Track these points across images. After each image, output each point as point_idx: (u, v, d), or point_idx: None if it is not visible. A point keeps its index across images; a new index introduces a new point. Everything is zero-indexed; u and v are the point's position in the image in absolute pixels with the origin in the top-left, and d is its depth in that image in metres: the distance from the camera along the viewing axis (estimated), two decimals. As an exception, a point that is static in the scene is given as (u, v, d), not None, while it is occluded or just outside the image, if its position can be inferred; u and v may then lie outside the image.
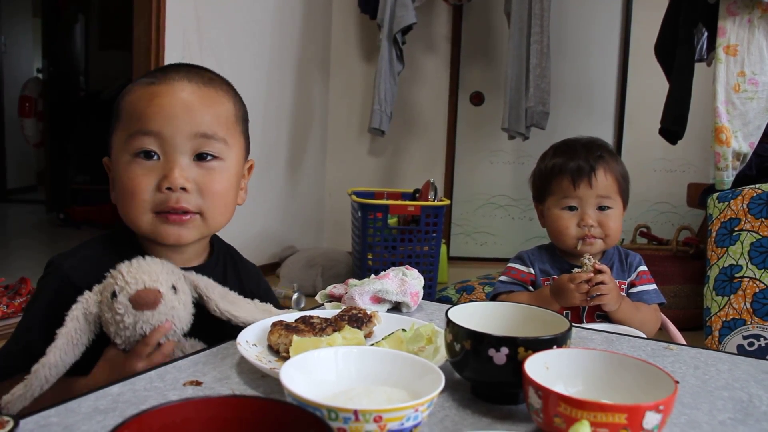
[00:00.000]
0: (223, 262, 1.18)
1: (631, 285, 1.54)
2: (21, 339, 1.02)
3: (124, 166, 1.00)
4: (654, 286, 1.54)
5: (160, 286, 0.94)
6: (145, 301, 0.91)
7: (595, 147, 1.53)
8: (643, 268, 1.56)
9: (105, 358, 0.96)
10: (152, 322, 0.93)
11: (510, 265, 1.60)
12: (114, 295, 0.92)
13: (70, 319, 0.92)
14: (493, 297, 1.57)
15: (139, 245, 1.07)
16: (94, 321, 0.94)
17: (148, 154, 0.99)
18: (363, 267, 3.59)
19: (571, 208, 1.51)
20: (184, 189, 0.99)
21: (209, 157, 1.02)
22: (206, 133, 1.01)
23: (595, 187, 1.48)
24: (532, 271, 1.56)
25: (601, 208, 1.49)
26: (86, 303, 0.94)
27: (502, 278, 1.59)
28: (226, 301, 1.02)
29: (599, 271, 1.40)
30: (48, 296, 1.02)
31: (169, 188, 0.98)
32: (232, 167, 1.06)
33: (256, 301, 1.08)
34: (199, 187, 1.01)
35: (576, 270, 1.42)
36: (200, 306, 1.02)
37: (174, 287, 0.96)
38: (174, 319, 0.95)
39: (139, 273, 0.93)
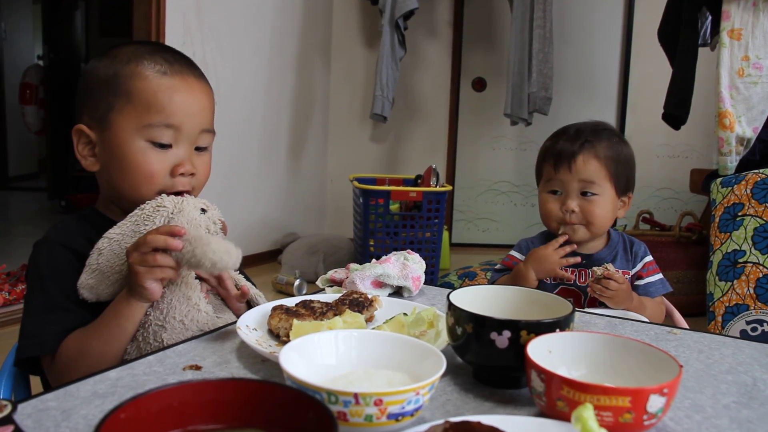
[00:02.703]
0: None
1: (638, 277, 1.52)
2: (46, 305, 1.03)
3: (140, 151, 1.08)
4: (660, 276, 1.52)
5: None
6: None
7: (586, 131, 1.49)
8: (649, 258, 1.53)
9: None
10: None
11: (509, 253, 1.59)
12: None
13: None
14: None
15: (107, 218, 1.14)
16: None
17: (163, 144, 1.09)
18: (365, 253, 3.59)
19: (555, 192, 1.50)
20: (191, 174, 1.12)
21: (206, 149, 1.16)
22: (209, 129, 1.15)
23: (575, 172, 1.45)
24: None
25: (585, 194, 1.47)
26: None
27: (497, 266, 1.59)
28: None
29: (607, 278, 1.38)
30: (44, 258, 1.07)
31: (182, 174, 1.10)
32: (211, 151, 1.20)
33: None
34: (196, 171, 1.14)
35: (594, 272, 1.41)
36: None
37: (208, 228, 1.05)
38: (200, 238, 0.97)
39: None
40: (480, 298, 0.92)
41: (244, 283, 1.13)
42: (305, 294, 1.13)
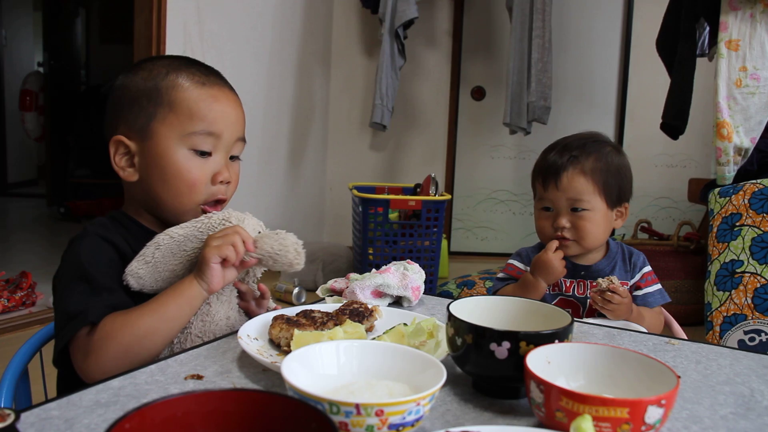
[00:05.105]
0: None
1: (637, 287, 1.52)
2: (92, 289, 1.01)
3: (182, 159, 1.11)
4: (658, 287, 1.53)
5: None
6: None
7: (572, 146, 1.48)
8: (648, 269, 1.53)
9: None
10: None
11: (509, 261, 1.60)
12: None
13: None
14: (493, 294, 1.57)
15: (138, 223, 1.17)
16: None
17: (203, 152, 1.12)
18: (364, 262, 3.59)
19: (547, 209, 1.50)
20: (228, 182, 1.17)
21: (238, 158, 1.20)
22: (243, 138, 1.20)
23: (563, 190, 1.45)
24: (528, 268, 1.55)
25: (575, 210, 1.47)
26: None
27: (500, 275, 1.60)
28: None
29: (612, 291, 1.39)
30: (85, 249, 1.06)
31: (221, 182, 1.15)
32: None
33: None
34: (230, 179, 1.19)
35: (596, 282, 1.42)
36: None
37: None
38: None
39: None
40: (479, 309, 0.93)
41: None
42: (304, 302, 1.14)
